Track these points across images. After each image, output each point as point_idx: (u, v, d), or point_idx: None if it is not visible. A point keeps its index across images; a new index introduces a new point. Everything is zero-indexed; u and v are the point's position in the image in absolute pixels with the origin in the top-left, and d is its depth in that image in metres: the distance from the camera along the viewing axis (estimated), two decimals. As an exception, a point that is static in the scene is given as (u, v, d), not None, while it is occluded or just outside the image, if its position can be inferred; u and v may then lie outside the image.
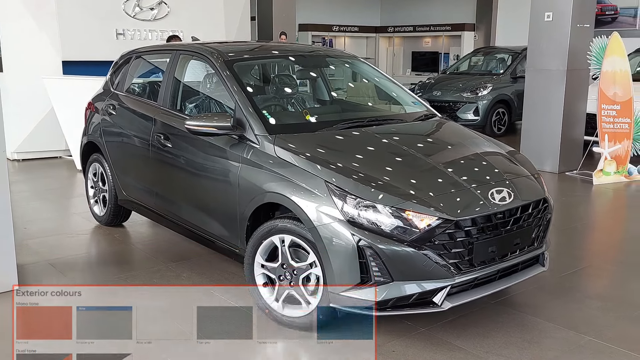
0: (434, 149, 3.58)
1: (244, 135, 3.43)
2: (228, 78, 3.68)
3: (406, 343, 3.08)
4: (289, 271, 3.14)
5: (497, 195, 3.12)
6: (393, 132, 3.68)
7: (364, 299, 2.88)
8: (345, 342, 3.04)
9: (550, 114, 7.34)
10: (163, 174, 4.07)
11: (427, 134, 3.84)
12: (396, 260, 2.86)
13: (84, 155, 5.11)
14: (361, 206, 2.91)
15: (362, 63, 4.61)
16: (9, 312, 3.38)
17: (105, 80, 5.04)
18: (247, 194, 3.33)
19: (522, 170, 3.51)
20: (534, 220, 3.29)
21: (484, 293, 3.11)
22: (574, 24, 7.05)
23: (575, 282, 3.98)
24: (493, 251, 3.08)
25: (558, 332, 3.24)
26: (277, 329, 3.18)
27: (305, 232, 3.00)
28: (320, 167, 3.07)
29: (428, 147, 3.58)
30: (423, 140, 3.71)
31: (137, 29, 8.45)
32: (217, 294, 3.62)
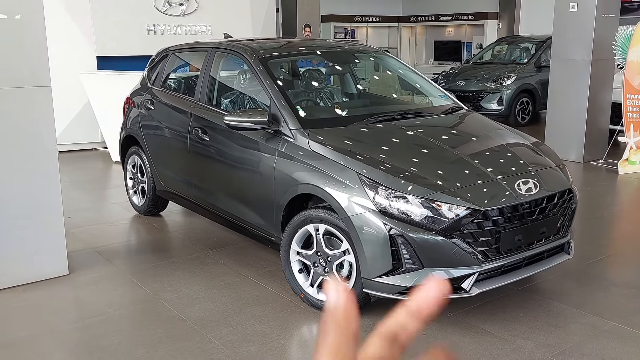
0: (460, 141, 3.71)
1: (279, 130, 3.60)
2: (262, 74, 3.85)
3: (436, 327, 3.24)
4: (323, 258, 3.32)
5: (523, 186, 3.25)
6: (421, 125, 3.82)
7: (395, 285, 3.05)
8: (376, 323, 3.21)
9: (575, 104, 7.37)
10: (201, 166, 4.27)
11: (454, 126, 3.97)
12: (426, 248, 3.01)
13: (123, 148, 5.35)
14: (392, 197, 3.06)
15: (389, 57, 4.74)
16: (64, 295, 3.64)
17: (143, 76, 5.25)
18: (282, 185, 3.51)
19: (548, 161, 3.62)
20: (559, 210, 3.41)
21: (510, 279, 3.25)
22: (599, 14, 7.06)
23: (601, 270, 4.08)
24: (519, 239, 3.21)
25: (583, 318, 3.37)
26: (311, 312, 3.37)
27: (339, 222, 3.17)
28: (352, 160, 3.24)
29: (455, 139, 3.71)
30: (450, 133, 3.85)
31: (167, 25, 8.67)
32: (253, 279, 3.83)
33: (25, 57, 3.51)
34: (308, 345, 3.15)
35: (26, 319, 3.32)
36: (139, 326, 3.24)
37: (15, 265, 3.66)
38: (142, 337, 3.10)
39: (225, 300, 3.53)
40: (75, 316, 3.39)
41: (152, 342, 3.05)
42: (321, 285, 3.37)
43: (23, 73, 3.52)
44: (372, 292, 3.13)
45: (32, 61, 3.54)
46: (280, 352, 2.99)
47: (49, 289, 3.70)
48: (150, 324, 3.26)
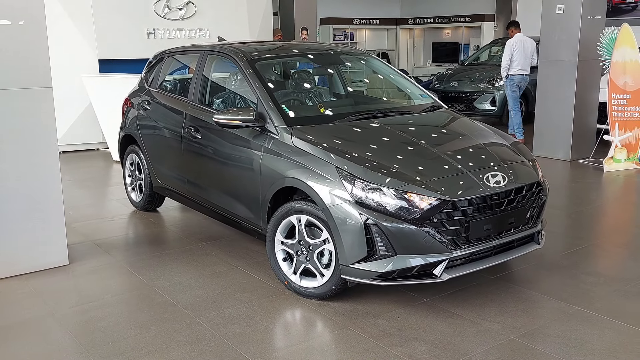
0: (436, 138, 3.93)
1: (265, 127, 3.83)
2: (251, 76, 4.09)
3: (410, 311, 3.46)
4: (305, 247, 3.55)
5: (492, 178, 3.47)
6: (400, 122, 4.05)
7: (371, 271, 3.27)
8: (354, 307, 3.44)
9: (562, 104, 7.58)
10: (194, 163, 4.51)
11: (431, 125, 4.20)
12: (399, 236, 3.24)
13: (121, 147, 5.60)
14: (368, 189, 3.29)
15: (374, 59, 4.98)
16: (65, 282, 3.88)
17: (140, 78, 5.50)
18: (268, 180, 3.74)
19: (518, 157, 3.84)
20: (527, 202, 3.63)
21: (480, 267, 3.46)
22: (584, 16, 7.27)
23: (573, 261, 4.29)
24: (488, 229, 3.43)
25: (550, 303, 3.58)
26: (294, 298, 3.60)
27: (319, 212, 3.40)
28: (332, 155, 3.47)
29: (431, 136, 3.93)
30: (426, 130, 4.07)
31: (166, 29, 8.93)
32: (242, 269, 4.06)
33: (27, 59, 3.76)
34: (289, 327, 3.38)
35: (29, 304, 3.57)
36: (133, 310, 3.48)
37: (20, 256, 3.91)
38: (136, 320, 3.34)
39: (214, 288, 3.77)
40: (75, 301, 3.62)
41: (144, 323, 3.28)
42: (303, 273, 3.60)
43: (25, 75, 3.76)
44: (349, 278, 3.36)
45: (33, 63, 3.78)
46: (264, 333, 3.21)
47: (51, 277, 3.94)
48: (143, 308, 3.49)
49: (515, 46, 8.64)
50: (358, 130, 3.89)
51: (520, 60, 8.67)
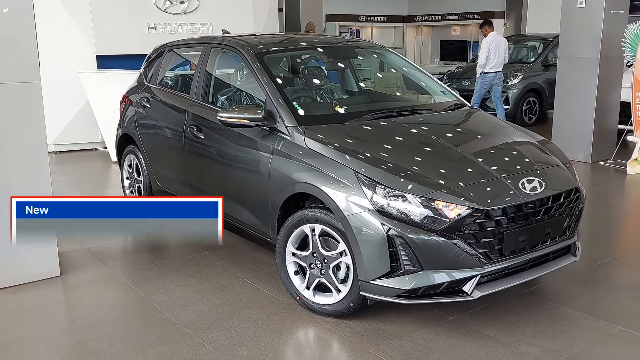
0: (463, 139, 3.58)
1: (274, 127, 3.49)
2: (259, 70, 3.74)
3: (436, 331, 3.12)
4: (320, 259, 3.21)
5: (527, 184, 3.12)
6: (422, 122, 3.70)
7: (393, 288, 2.93)
8: (373, 327, 3.10)
9: (582, 103, 7.23)
10: (196, 165, 4.17)
11: (456, 124, 3.85)
12: (426, 249, 2.89)
13: (119, 147, 5.26)
14: (391, 196, 2.94)
15: (390, 53, 4.63)
16: (55, 296, 3.54)
17: (139, 74, 5.16)
18: (278, 184, 3.40)
19: (554, 160, 3.49)
20: (565, 210, 3.28)
21: (514, 282, 3.12)
22: (607, 10, 6.91)
23: (608, 272, 3.95)
24: (524, 241, 3.08)
25: (589, 322, 3.24)
26: (307, 315, 3.25)
27: (335, 222, 3.06)
28: (349, 158, 3.12)
29: (457, 137, 3.59)
30: (452, 130, 3.72)
31: (167, 23, 8.59)
32: (248, 281, 3.72)
33: (13, 52, 3.41)
34: (302, 349, 3.04)
35: (15, 321, 3.23)
36: (129, 329, 3.14)
37: (5, 266, 3.57)
38: (132, 341, 3.00)
39: (218, 303, 3.43)
40: (65, 318, 3.29)
41: (141, 345, 2.94)
42: (317, 288, 3.26)
43: (11, 69, 3.42)
44: (369, 295, 3.02)
45: (20, 57, 3.44)
46: (274, 356, 2.87)
47: (40, 290, 3.60)
48: (141, 327, 3.15)
49: (492, 45, 8.76)
50: (377, 130, 3.54)
51: (495, 59, 8.80)
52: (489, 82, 8.97)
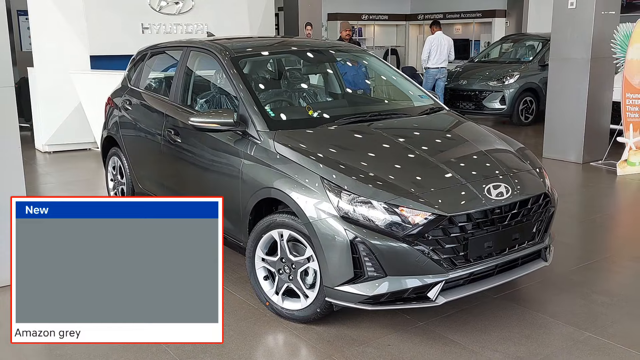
0: (432, 144, 3.57)
1: (246, 132, 3.50)
2: (233, 75, 3.76)
3: (402, 337, 3.12)
4: (288, 265, 3.22)
5: (494, 190, 3.12)
6: (394, 126, 3.70)
7: (357, 294, 2.93)
8: (340, 332, 3.11)
9: (574, 104, 7.19)
10: (173, 168, 4.20)
11: (429, 128, 3.84)
12: (390, 255, 2.90)
13: (104, 149, 5.30)
14: (356, 202, 2.95)
15: (371, 57, 4.62)
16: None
17: (124, 76, 5.19)
18: (248, 189, 3.41)
19: (524, 165, 3.48)
20: (533, 215, 3.28)
21: (480, 288, 3.12)
22: (598, 11, 6.87)
23: (585, 277, 3.93)
24: (490, 246, 3.08)
25: (558, 328, 3.23)
26: (276, 321, 3.27)
27: (302, 227, 3.07)
28: (315, 163, 3.13)
29: (426, 142, 3.57)
30: (424, 135, 3.72)
31: (162, 23, 8.61)
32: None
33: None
34: (267, 356, 3.06)
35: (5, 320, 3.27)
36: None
37: (6, 264, 3.60)
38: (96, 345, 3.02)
39: (189, 307, 3.44)
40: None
41: (105, 351, 2.97)
42: (286, 293, 3.27)
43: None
44: (334, 301, 3.03)
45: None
46: (237, 362, 2.89)
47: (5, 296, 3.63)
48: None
49: (433, 43, 9.87)
50: (348, 135, 3.55)
51: (436, 56, 9.86)
52: (432, 77, 9.92)
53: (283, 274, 3.25)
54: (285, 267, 3.24)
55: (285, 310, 3.26)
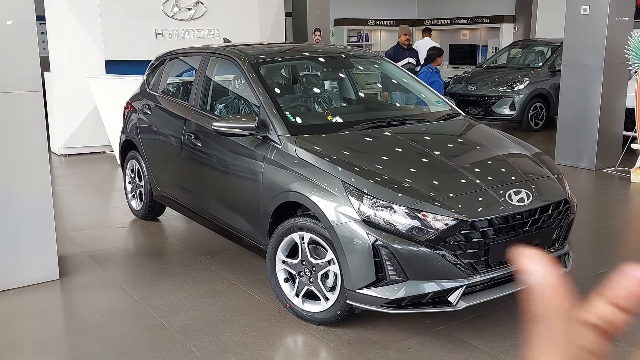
0: (452, 149, 3.62)
1: (267, 136, 3.55)
2: (253, 80, 3.81)
3: (423, 341, 3.15)
4: (309, 268, 3.26)
5: (515, 196, 3.15)
6: (413, 132, 3.74)
7: (379, 297, 2.97)
8: (361, 335, 3.15)
9: (586, 111, 7.20)
10: (194, 172, 4.25)
11: (447, 134, 3.88)
12: (411, 259, 2.93)
13: (122, 152, 5.36)
14: (377, 206, 2.99)
15: (387, 63, 4.67)
16: (52, 300, 3.63)
17: (142, 81, 5.25)
18: (269, 193, 3.46)
19: (544, 171, 3.51)
20: (554, 222, 3.30)
21: (500, 293, 3.14)
22: (611, 18, 6.88)
23: (602, 284, 3.93)
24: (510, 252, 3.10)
25: (577, 333, 3.24)
26: (296, 322, 3.31)
27: (323, 230, 3.11)
28: (337, 167, 3.17)
29: (446, 147, 3.62)
30: (442, 140, 3.76)
31: (175, 29, 8.69)
32: (242, 287, 3.79)
33: (15, 62, 3.51)
34: (289, 357, 3.09)
35: (11, 325, 3.32)
36: (121, 333, 3.21)
37: (5, 269, 3.67)
38: (123, 345, 3.07)
39: (211, 309, 3.49)
40: (61, 322, 3.38)
41: (131, 350, 3.02)
42: (307, 295, 3.31)
43: (12, 78, 3.52)
44: (355, 304, 3.06)
45: (22, 66, 3.53)
46: (260, 363, 2.93)
47: (38, 293, 3.70)
48: (133, 331, 3.23)
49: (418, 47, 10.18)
50: (368, 140, 3.59)
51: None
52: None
53: (304, 277, 3.29)
54: (305, 270, 3.28)
55: (306, 312, 3.30)
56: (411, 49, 8.42)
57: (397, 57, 8.02)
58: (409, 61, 8.12)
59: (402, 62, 7.96)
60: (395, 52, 8.16)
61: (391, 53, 8.13)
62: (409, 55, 8.24)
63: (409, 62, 8.13)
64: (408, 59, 8.16)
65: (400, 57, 8.07)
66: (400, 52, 8.19)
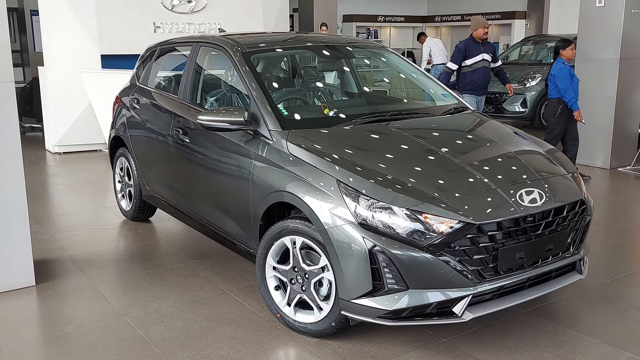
0: (458, 146, 3.32)
1: (258, 131, 3.28)
2: (244, 71, 3.54)
3: (425, 355, 2.87)
4: (301, 275, 2.98)
5: (526, 196, 2.86)
6: (415, 126, 3.45)
7: (376, 308, 2.68)
8: (357, 348, 2.86)
9: (601, 106, 6.88)
10: (182, 170, 3.98)
11: (454, 129, 3.58)
12: (412, 267, 2.64)
13: (111, 149, 5.11)
14: (375, 208, 2.70)
15: (390, 53, 4.38)
16: (25, 308, 3.38)
17: (132, 74, 5.00)
18: (259, 193, 3.18)
19: (558, 169, 3.21)
20: (569, 224, 3.00)
21: (510, 303, 2.85)
22: (627, 9, 6.58)
23: (620, 291, 3.64)
24: (521, 258, 2.81)
25: (594, 347, 2.95)
26: (287, 334, 3.03)
27: (316, 234, 2.83)
28: (331, 164, 2.89)
29: (452, 144, 3.32)
30: (448, 136, 3.46)
31: (174, 22, 8.45)
32: (231, 295, 3.52)
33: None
34: (277, 373, 2.82)
35: (-20, 334, 3.07)
36: (95, 347, 2.94)
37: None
38: (95, 359, 2.81)
39: (195, 319, 3.22)
40: (30, 333, 3.12)
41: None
42: (299, 305, 3.03)
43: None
44: (351, 315, 2.78)
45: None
46: (245, 380, 2.66)
47: (10, 301, 3.44)
48: (108, 344, 2.96)
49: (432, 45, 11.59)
50: (366, 135, 3.30)
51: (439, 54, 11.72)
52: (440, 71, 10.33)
53: (295, 284, 3.02)
54: (297, 277, 3.00)
55: (298, 323, 3.02)
56: (487, 44, 6.97)
57: (468, 52, 6.75)
58: (483, 57, 6.78)
59: (475, 58, 6.75)
60: (466, 47, 6.78)
61: (461, 47, 6.81)
62: (484, 50, 6.83)
63: (484, 58, 6.79)
64: (483, 55, 6.78)
65: (474, 53, 6.76)
66: (474, 47, 6.80)
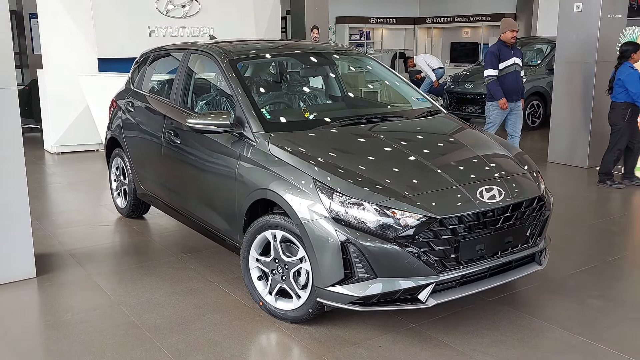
0: (427, 147, 3.58)
1: (242, 133, 3.54)
2: (230, 77, 3.80)
3: (394, 338, 3.13)
4: (281, 265, 3.25)
5: (486, 193, 3.12)
6: (390, 129, 3.72)
7: (348, 294, 2.95)
8: (332, 333, 3.13)
9: (579, 108, 7.16)
10: (173, 169, 4.24)
11: (424, 131, 3.85)
12: (380, 257, 2.91)
13: (107, 149, 5.36)
14: (348, 204, 2.97)
15: (369, 59, 4.64)
16: (26, 298, 3.63)
17: (127, 78, 5.26)
18: (244, 190, 3.44)
19: (518, 168, 3.48)
20: (527, 219, 3.27)
21: (471, 291, 3.12)
22: (604, 14, 6.84)
23: (582, 281, 3.91)
24: (482, 249, 3.08)
25: (551, 332, 3.22)
26: (269, 321, 3.30)
27: (295, 228, 3.09)
28: (308, 165, 3.16)
29: (421, 145, 3.58)
30: (417, 138, 3.72)
31: (169, 26, 8.69)
32: (219, 285, 3.78)
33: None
34: (258, 355, 3.08)
35: (-16, 322, 3.33)
36: (91, 332, 3.20)
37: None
38: (92, 344, 3.07)
39: (184, 307, 3.49)
40: (31, 320, 3.38)
41: (99, 348, 3.01)
42: (280, 293, 3.30)
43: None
44: (325, 302, 3.05)
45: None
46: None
47: (13, 291, 3.70)
48: (104, 330, 3.22)
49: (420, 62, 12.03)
50: (343, 137, 3.57)
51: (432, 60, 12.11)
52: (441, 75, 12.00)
53: (276, 274, 3.28)
54: (278, 268, 3.27)
55: (278, 310, 3.29)
56: (516, 48, 6.69)
57: (501, 56, 6.50)
58: (514, 62, 6.53)
59: (507, 62, 6.50)
60: (499, 50, 6.51)
61: (494, 51, 6.54)
62: (514, 54, 6.56)
63: (515, 62, 6.53)
64: (514, 59, 6.53)
65: (505, 57, 6.49)
66: (505, 51, 6.51)
